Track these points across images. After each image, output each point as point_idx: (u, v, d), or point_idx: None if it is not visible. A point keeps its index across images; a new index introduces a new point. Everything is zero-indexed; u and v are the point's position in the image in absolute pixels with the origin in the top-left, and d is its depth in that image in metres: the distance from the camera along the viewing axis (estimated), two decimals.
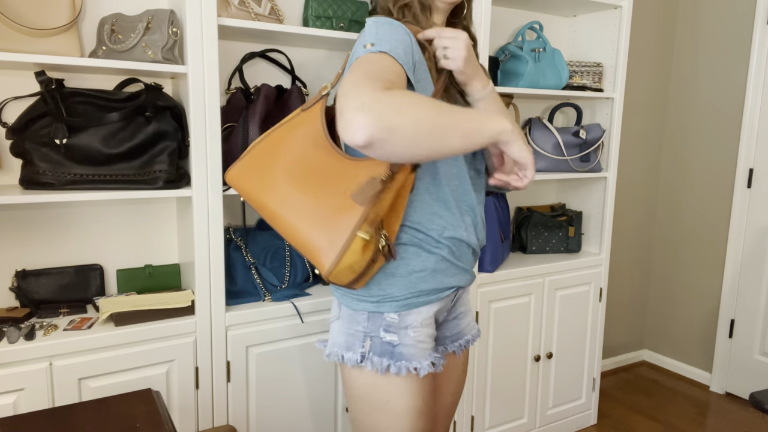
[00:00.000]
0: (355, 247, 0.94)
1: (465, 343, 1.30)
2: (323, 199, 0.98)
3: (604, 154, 2.33)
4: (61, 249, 1.57)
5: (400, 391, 1.11)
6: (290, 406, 1.66)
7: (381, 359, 1.10)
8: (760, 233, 2.68)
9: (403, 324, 1.11)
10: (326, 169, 1.01)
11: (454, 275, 1.16)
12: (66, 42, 1.36)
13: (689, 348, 3.02)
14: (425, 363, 1.11)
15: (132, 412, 1.03)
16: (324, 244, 0.96)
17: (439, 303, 1.16)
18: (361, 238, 0.94)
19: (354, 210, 0.95)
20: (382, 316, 1.11)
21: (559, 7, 2.29)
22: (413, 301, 1.11)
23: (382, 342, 1.11)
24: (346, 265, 0.95)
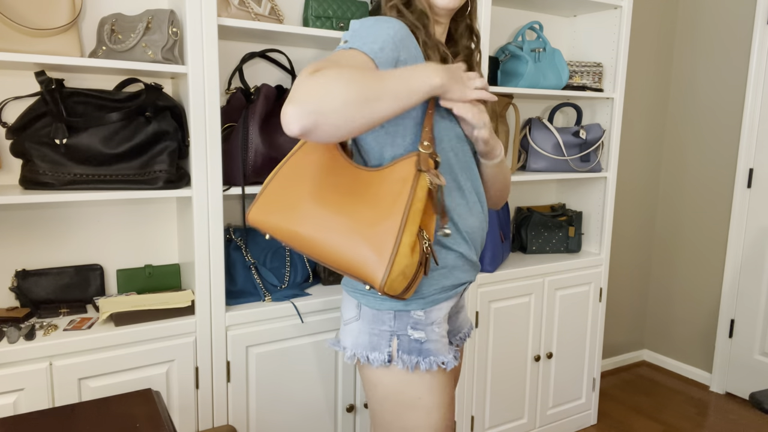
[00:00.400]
0: (404, 249, 0.92)
1: (464, 337, 1.32)
2: (358, 213, 0.97)
3: (604, 154, 2.33)
4: (61, 249, 1.57)
5: (430, 386, 1.12)
6: (290, 406, 1.66)
7: (410, 357, 1.10)
8: (760, 233, 2.68)
9: (429, 320, 1.12)
10: (352, 185, 1.00)
11: (467, 270, 1.19)
12: (66, 42, 1.36)
13: (689, 348, 3.02)
14: (450, 357, 1.14)
15: (132, 412, 1.03)
16: (370, 255, 0.93)
17: (456, 298, 1.19)
18: (407, 239, 0.93)
19: (393, 215, 0.94)
20: (409, 314, 1.11)
21: (559, 7, 2.29)
22: (436, 297, 1.13)
23: (410, 340, 1.11)
24: (398, 271, 0.92)
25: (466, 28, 1.23)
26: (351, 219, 0.96)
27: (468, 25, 1.23)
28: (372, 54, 0.98)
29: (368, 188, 0.99)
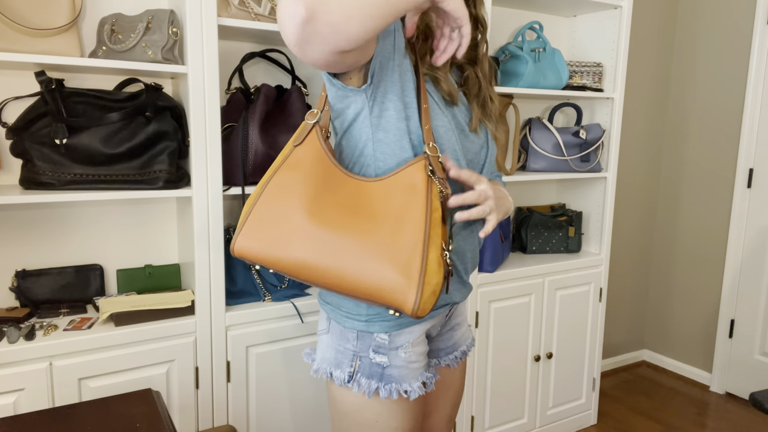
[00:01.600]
0: (432, 266, 0.85)
1: (461, 355, 1.24)
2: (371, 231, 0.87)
3: (604, 154, 2.33)
4: (61, 249, 1.57)
5: (389, 411, 1.05)
6: (290, 406, 1.66)
7: (369, 381, 1.03)
8: (760, 233, 2.68)
9: (394, 345, 1.04)
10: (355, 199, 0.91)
11: (451, 291, 1.10)
12: (66, 42, 1.36)
13: (689, 348, 3.02)
14: (416, 385, 1.05)
15: (132, 412, 1.03)
16: (396, 277, 0.85)
17: (432, 320, 1.10)
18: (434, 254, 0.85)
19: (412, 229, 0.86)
20: (372, 336, 1.04)
21: (559, 7, 2.29)
22: (403, 321, 1.04)
23: (371, 363, 1.04)
24: (429, 291, 0.85)
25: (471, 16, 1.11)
26: (364, 239, 0.87)
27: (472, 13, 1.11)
28: None
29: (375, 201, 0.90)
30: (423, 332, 1.08)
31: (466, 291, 1.15)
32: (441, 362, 1.22)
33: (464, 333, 1.25)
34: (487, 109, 1.14)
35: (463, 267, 1.11)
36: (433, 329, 1.15)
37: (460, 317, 1.24)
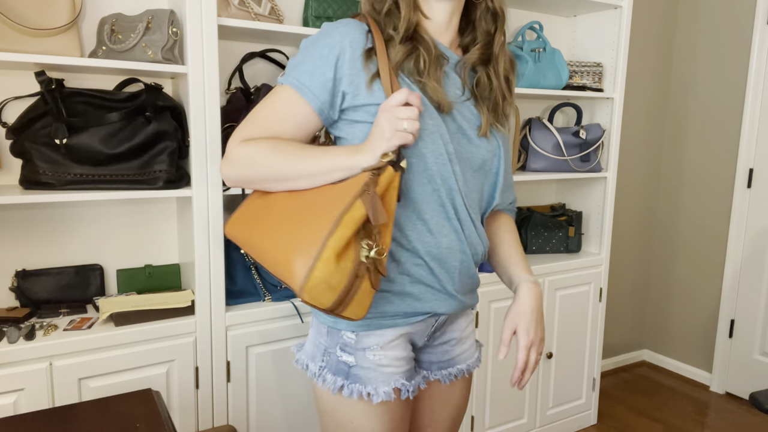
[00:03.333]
0: (328, 254, 0.84)
1: (457, 373, 1.15)
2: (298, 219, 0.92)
3: (604, 154, 2.33)
4: (61, 249, 1.57)
5: (364, 413, 1.02)
6: (290, 406, 1.66)
7: (335, 378, 1.02)
8: (760, 233, 2.68)
9: (361, 345, 1.02)
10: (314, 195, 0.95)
11: (431, 301, 1.04)
12: (66, 42, 1.36)
13: (689, 348, 3.02)
14: (383, 389, 1.01)
15: (132, 412, 1.03)
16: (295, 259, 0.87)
17: (408, 327, 1.05)
18: (334, 243, 0.84)
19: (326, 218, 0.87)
20: (340, 334, 1.03)
21: (559, 7, 2.29)
22: (374, 322, 1.01)
23: (338, 360, 1.03)
24: (320, 278, 0.84)
25: (487, 10, 1.05)
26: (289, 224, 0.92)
27: (488, 7, 1.05)
28: (299, 89, 0.97)
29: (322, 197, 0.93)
30: (398, 337, 1.04)
31: (455, 305, 1.07)
32: (431, 375, 1.15)
33: (465, 351, 1.17)
34: (498, 112, 1.07)
35: (448, 278, 1.04)
36: (417, 338, 1.09)
37: (459, 333, 1.15)
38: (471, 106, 1.05)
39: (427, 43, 1.01)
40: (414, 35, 1.01)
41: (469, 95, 1.05)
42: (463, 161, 1.03)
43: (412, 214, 1.00)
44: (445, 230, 1.02)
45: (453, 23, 1.05)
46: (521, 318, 1.06)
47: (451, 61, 1.05)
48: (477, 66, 1.06)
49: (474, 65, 1.06)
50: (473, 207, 1.06)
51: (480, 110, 1.05)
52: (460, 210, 1.02)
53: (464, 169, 1.04)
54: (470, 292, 1.12)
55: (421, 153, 0.97)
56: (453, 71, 1.05)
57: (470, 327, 1.19)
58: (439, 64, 1.01)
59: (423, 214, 1.00)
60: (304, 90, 0.97)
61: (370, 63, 0.97)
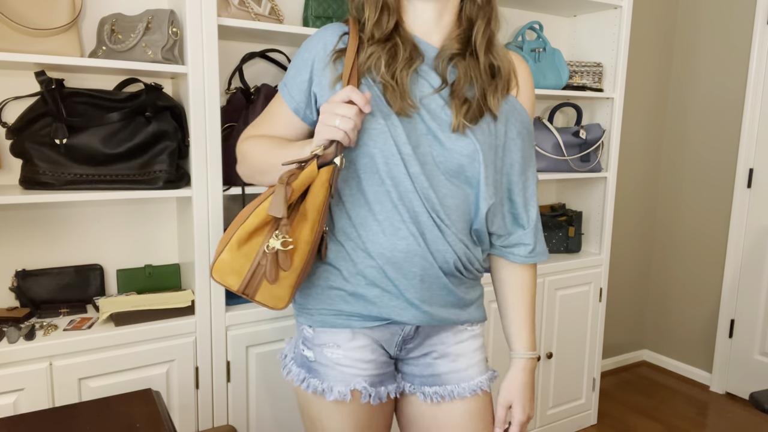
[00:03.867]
0: (233, 241, 0.92)
1: (446, 394, 1.06)
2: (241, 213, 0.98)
3: (604, 154, 2.33)
4: (61, 249, 1.57)
5: (330, 413, 1.03)
6: (290, 406, 1.66)
7: (299, 370, 1.06)
8: (760, 233, 2.68)
9: (318, 341, 1.03)
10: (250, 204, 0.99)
11: (389, 307, 1.00)
12: (66, 42, 1.36)
13: (689, 348, 3.02)
14: (338, 388, 1.01)
15: (132, 412, 1.03)
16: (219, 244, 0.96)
17: (367, 330, 1.02)
18: (240, 233, 0.91)
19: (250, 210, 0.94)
20: (301, 327, 1.06)
21: (559, 7, 2.29)
22: (327, 320, 1.02)
23: (301, 354, 1.06)
24: (224, 261, 0.92)
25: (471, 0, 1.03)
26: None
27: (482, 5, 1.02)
28: (285, 96, 1.06)
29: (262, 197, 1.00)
30: (356, 338, 1.02)
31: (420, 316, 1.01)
32: (412, 389, 1.10)
33: (460, 371, 1.08)
34: (475, 108, 0.99)
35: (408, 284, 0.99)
36: (386, 345, 1.05)
37: (444, 347, 1.08)
38: (443, 102, 0.99)
39: (396, 42, 0.99)
40: (391, 36, 1.00)
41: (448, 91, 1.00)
42: (430, 164, 0.98)
43: (367, 214, 0.99)
44: (401, 233, 0.97)
45: (445, 21, 1.03)
46: (516, 396, 1.08)
47: (429, 57, 1.02)
48: (456, 57, 1.01)
49: (453, 56, 1.01)
50: (446, 213, 0.99)
51: (452, 107, 0.99)
52: (420, 213, 0.98)
53: (431, 172, 0.98)
54: (450, 306, 1.05)
55: (371, 153, 0.96)
56: (431, 68, 1.01)
57: (466, 345, 1.09)
58: (409, 63, 0.99)
59: (377, 214, 0.98)
60: (284, 91, 1.06)
61: (338, 64, 1.00)
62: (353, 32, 1.01)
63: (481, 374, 1.10)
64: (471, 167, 0.99)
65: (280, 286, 0.95)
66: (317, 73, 1.01)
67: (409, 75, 0.98)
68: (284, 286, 0.95)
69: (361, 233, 0.99)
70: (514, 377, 1.09)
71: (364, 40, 1.00)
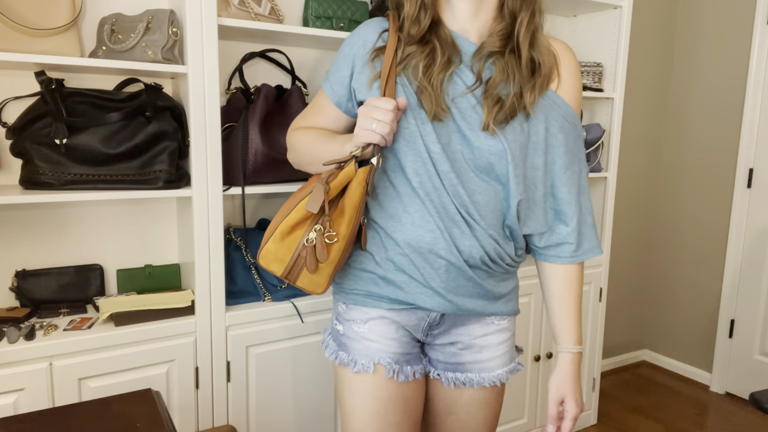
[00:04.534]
0: (277, 233, 0.99)
1: (466, 381, 1.11)
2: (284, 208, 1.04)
3: (604, 154, 2.33)
4: (61, 249, 1.57)
5: (351, 386, 1.09)
6: (290, 406, 1.66)
7: (335, 344, 1.13)
8: (760, 233, 2.68)
9: (349, 317, 1.11)
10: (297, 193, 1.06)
11: (415, 293, 1.04)
12: (66, 42, 1.36)
13: (689, 348, 3.02)
14: (362, 361, 1.07)
15: (132, 412, 1.03)
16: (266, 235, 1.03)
17: (392, 313, 1.08)
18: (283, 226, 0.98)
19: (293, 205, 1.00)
20: (337, 304, 1.15)
21: (559, 7, 2.29)
22: (359, 299, 1.09)
23: (334, 329, 1.15)
24: (270, 250, 0.99)
25: None
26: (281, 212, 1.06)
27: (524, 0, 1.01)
28: (327, 90, 1.11)
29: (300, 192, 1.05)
30: (381, 317, 1.08)
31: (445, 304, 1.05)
32: (434, 373, 1.15)
33: (483, 361, 1.12)
34: (504, 109, 0.99)
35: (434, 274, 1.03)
36: (414, 330, 1.10)
37: (470, 338, 1.11)
38: (475, 101, 1.00)
39: (435, 45, 0.99)
40: (428, 35, 1.01)
41: (482, 89, 1.00)
42: (459, 161, 1.01)
43: (398, 206, 1.04)
44: (429, 226, 1.01)
45: (483, 15, 1.02)
46: (567, 389, 1.09)
47: (467, 54, 1.01)
48: (495, 54, 1.00)
49: (492, 53, 1.00)
50: (475, 208, 1.01)
51: (485, 105, 0.99)
52: (449, 209, 1.00)
53: (461, 170, 1.01)
54: (477, 298, 1.07)
55: (400, 150, 1.01)
56: (467, 66, 1.01)
57: (492, 338, 1.12)
58: (446, 67, 0.99)
59: (408, 206, 1.03)
60: (327, 85, 1.11)
61: (377, 62, 1.03)
62: (393, 29, 1.03)
63: (502, 366, 1.13)
64: (500, 165, 1.01)
65: (318, 275, 1.01)
66: (357, 70, 1.06)
67: (445, 79, 1.00)
68: (323, 275, 1.02)
69: (392, 223, 1.05)
70: (564, 372, 1.10)
71: (403, 37, 1.02)
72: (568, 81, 1.06)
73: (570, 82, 1.06)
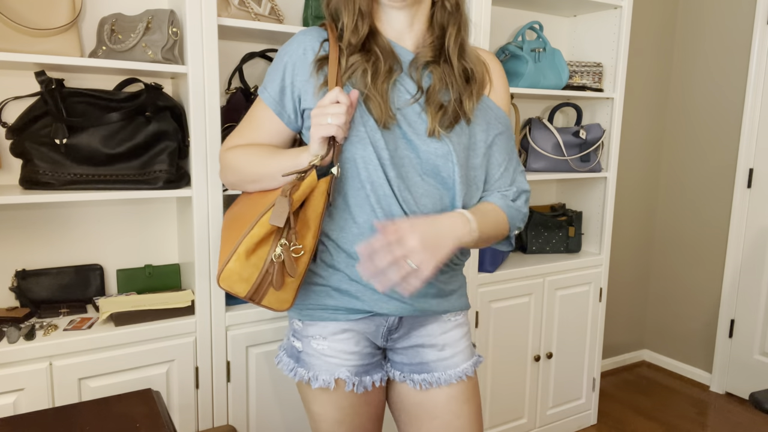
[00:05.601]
0: (240, 251, 0.95)
1: (434, 381, 1.12)
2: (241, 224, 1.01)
3: (604, 154, 2.33)
4: (61, 249, 1.57)
5: (318, 397, 1.11)
6: (290, 406, 1.66)
7: (290, 360, 1.14)
8: (760, 233, 2.68)
9: (306, 333, 1.10)
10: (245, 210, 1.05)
11: (371, 300, 1.06)
12: (66, 42, 1.36)
13: (689, 348, 3.02)
14: (322, 377, 1.08)
15: (132, 412, 1.03)
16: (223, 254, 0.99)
17: (351, 323, 1.08)
18: (246, 243, 0.95)
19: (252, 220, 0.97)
20: (292, 321, 1.14)
21: (559, 7, 2.29)
22: (315, 314, 1.09)
23: (291, 345, 1.14)
24: (233, 270, 0.96)
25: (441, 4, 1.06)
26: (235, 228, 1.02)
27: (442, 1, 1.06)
28: (265, 99, 1.08)
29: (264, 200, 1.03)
30: (342, 331, 1.08)
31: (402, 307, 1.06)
32: (401, 377, 1.15)
33: (444, 360, 1.13)
34: (451, 111, 1.04)
35: None
36: (373, 337, 1.10)
37: (431, 338, 1.13)
38: (420, 109, 1.04)
39: (377, 55, 1.03)
40: (367, 44, 1.04)
41: (423, 98, 1.05)
42: (407, 166, 1.03)
43: (348, 217, 1.05)
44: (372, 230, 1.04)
45: (416, 27, 1.07)
46: (420, 223, 0.94)
47: (405, 62, 1.07)
48: (431, 64, 1.06)
49: (427, 63, 1.06)
50: (422, 212, 1.03)
51: (429, 112, 1.03)
52: (396, 215, 1.02)
53: (407, 174, 1.03)
54: (430, 297, 1.09)
55: (353, 159, 1.02)
56: (407, 74, 1.06)
57: (451, 335, 1.14)
58: (389, 75, 1.03)
59: (356, 217, 1.04)
60: (266, 95, 1.08)
61: (321, 73, 1.03)
62: (332, 39, 1.05)
63: (466, 360, 1.15)
64: (445, 167, 1.05)
65: (285, 291, 1.00)
66: (298, 78, 1.05)
67: (389, 87, 1.03)
68: (289, 290, 1.01)
69: (343, 235, 1.05)
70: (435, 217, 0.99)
71: (343, 47, 1.04)
72: (498, 87, 1.14)
73: (500, 87, 1.14)
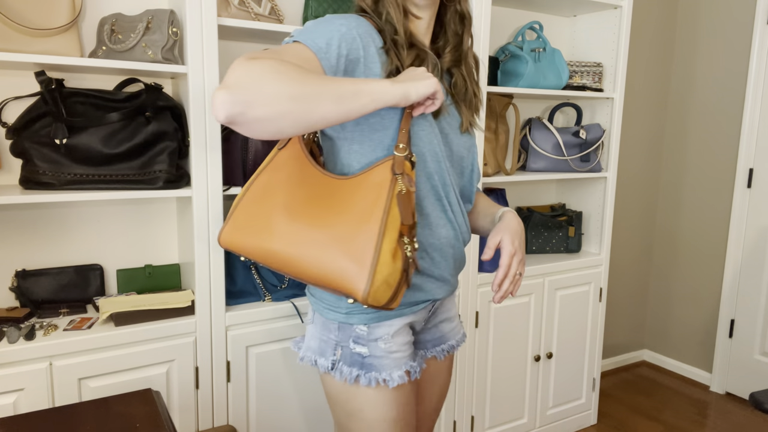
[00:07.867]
0: (385, 257, 0.88)
1: (449, 348, 1.24)
2: (334, 224, 0.92)
3: (604, 154, 2.33)
4: (61, 249, 1.57)
5: (371, 401, 1.07)
6: (290, 406, 1.66)
7: (351, 369, 1.07)
8: (760, 233, 2.68)
9: (373, 336, 1.07)
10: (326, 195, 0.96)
11: (431, 289, 1.11)
12: (66, 42, 1.36)
13: (689, 348, 3.02)
14: (396, 374, 1.07)
15: (132, 412, 1.03)
16: (350, 266, 0.89)
17: (413, 315, 1.12)
18: (387, 245, 0.88)
19: (371, 222, 0.90)
20: (352, 328, 1.07)
21: (559, 7, 2.29)
22: (383, 314, 1.07)
23: (351, 353, 1.08)
24: (381, 280, 0.88)
25: (455, 13, 1.12)
26: (327, 231, 0.92)
27: (457, 10, 1.12)
28: (316, 49, 0.91)
29: (343, 197, 0.94)
30: (403, 325, 1.10)
31: (449, 288, 1.15)
32: (427, 353, 1.23)
33: (454, 328, 1.25)
34: (473, 108, 1.16)
35: (446, 264, 1.11)
36: (417, 324, 1.16)
37: (448, 313, 1.24)
38: (449, 103, 1.13)
39: (425, 51, 1.06)
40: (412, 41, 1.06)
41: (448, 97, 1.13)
42: (449, 158, 1.12)
43: (435, 204, 1.08)
44: (442, 222, 1.09)
45: (431, 28, 1.12)
46: (506, 231, 1.08)
47: None
48: (451, 68, 1.13)
49: (448, 67, 1.13)
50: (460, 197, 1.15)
51: (459, 110, 1.13)
52: (453, 202, 1.11)
53: (449, 166, 1.12)
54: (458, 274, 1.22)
55: (421, 152, 1.04)
56: None
57: (454, 307, 1.27)
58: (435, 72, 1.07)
59: (423, 209, 1.06)
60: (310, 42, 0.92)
61: (387, 60, 1.02)
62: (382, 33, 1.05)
63: (462, 328, 1.29)
64: (468, 157, 1.16)
65: (404, 288, 0.95)
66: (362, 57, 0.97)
67: None
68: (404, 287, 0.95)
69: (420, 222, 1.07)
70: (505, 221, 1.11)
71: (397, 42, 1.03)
72: None
73: None
